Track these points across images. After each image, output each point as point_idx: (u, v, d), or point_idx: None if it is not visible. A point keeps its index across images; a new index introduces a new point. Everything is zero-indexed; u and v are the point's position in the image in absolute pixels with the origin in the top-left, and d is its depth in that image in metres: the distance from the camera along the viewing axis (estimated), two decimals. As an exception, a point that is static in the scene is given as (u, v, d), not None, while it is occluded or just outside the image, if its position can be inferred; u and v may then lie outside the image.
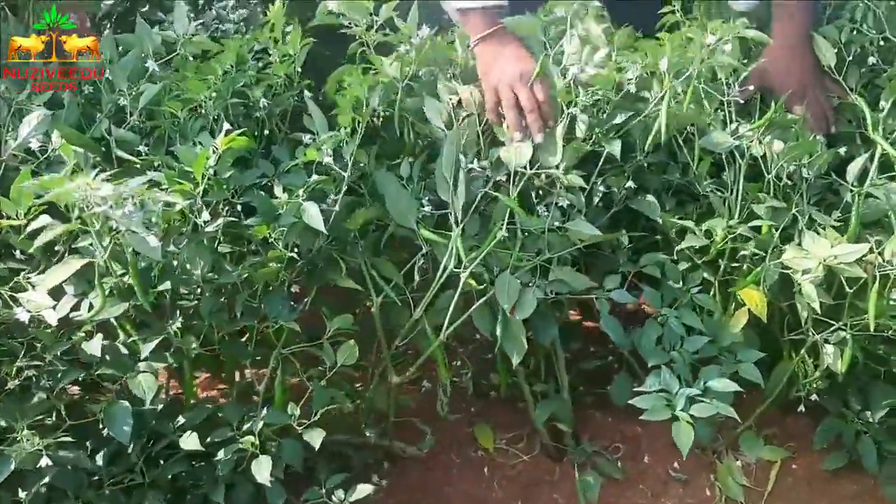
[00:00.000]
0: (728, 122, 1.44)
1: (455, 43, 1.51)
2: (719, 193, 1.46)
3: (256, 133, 1.50)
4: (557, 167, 1.37)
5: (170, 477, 1.32)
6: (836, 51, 1.46)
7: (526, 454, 1.71)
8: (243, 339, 1.48)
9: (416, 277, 1.48)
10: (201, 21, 1.85)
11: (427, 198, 1.43)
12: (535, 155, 1.38)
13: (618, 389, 1.61)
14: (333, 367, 1.35)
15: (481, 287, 1.41)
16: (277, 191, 1.34)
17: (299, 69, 1.49)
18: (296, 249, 1.32)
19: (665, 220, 1.47)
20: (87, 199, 1.05)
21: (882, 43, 1.45)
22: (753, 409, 1.59)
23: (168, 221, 1.23)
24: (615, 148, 1.38)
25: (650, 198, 1.50)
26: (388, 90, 1.43)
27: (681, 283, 1.46)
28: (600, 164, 1.42)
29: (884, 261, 1.31)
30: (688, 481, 1.64)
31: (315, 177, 1.32)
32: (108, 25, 2.01)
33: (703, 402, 1.29)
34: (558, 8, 1.45)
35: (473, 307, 1.43)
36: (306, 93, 1.48)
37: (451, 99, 1.42)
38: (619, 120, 1.41)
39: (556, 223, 1.41)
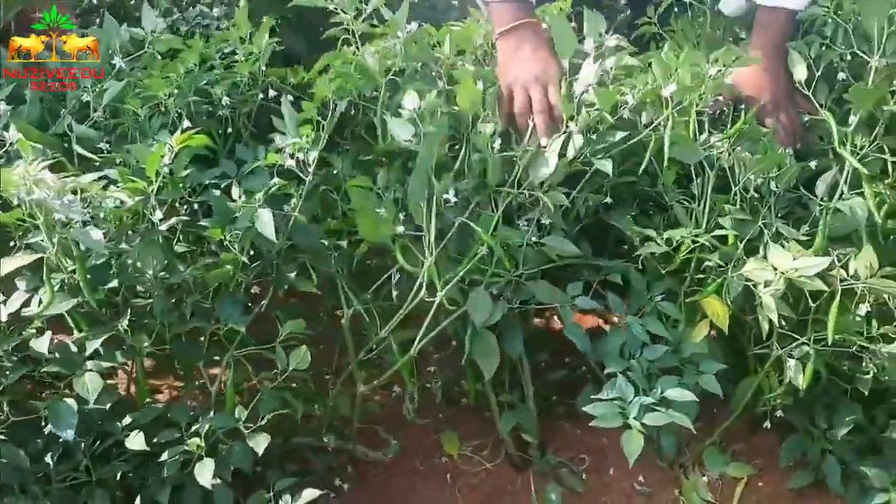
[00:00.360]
0: (699, 132, 1.42)
1: (443, 42, 1.48)
2: (686, 203, 1.44)
3: (221, 132, 1.49)
4: (542, 185, 1.34)
5: (119, 476, 1.31)
6: (805, 66, 1.44)
7: (490, 463, 1.69)
8: (202, 340, 1.47)
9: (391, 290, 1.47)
10: (181, 15, 1.86)
11: (403, 213, 1.37)
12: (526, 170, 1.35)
13: (585, 400, 1.57)
14: (286, 372, 1.34)
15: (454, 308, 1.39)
16: (235, 192, 1.32)
17: (263, 67, 1.48)
18: (252, 253, 1.30)
19: (629, 229, 1.45)
20: (28, 188, 1.04)
21: (851, 58, 1.43)
22: (720, 423, 1.57)
23: (120, 218, 1.23)
24: (607, 167, 1.33)
25: (622, 211, 1.49)
26: (368, 85, 1.42)
27: (645, 290, 1.44)
28: (583, 181, 1.41)
29: (847, 276, 1.30)
30: (652, 496, 1.62)
31: (276, 180, 1.31)
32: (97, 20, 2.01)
33: (658, 411, 1.27)
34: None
35: (445, 322, 1.42)
36: (272, 91, 1.47)
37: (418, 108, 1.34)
38: (613, 140, 1.36)
39: (534, 238, 1.39)
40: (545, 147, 1.33)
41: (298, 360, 1.31)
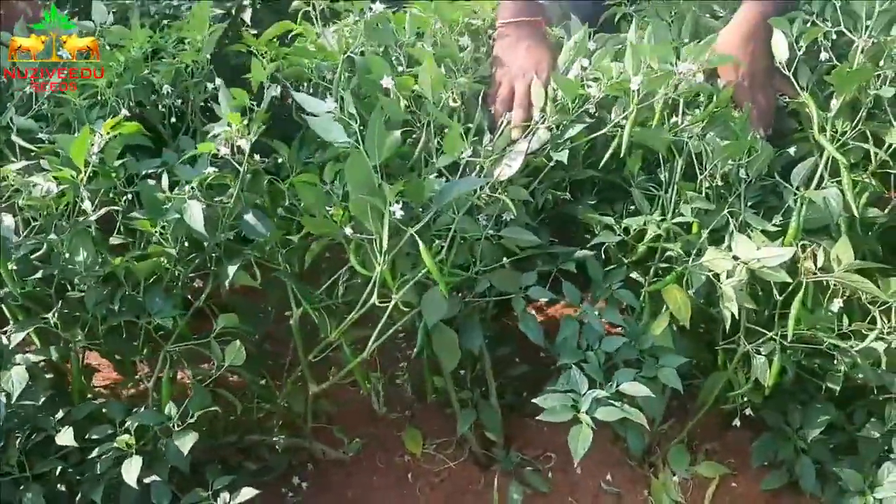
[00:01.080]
0: (669, 116, 1.35)
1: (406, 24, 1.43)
2: (653, 190, 1.37)
3: (166, 122, 1.44)
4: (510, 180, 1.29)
5: (58, 472, 1.27)
6: (787, 44, 1.36)
7: (453, 461, 1.63)
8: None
9: (341, 289, 1.42)
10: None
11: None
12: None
13: (545, 402, 1.52)
14: (221, 367, 1.29)
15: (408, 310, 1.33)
16: (164, 183, 1.26)
17: (209, 56, 1.43)
18: (187, 245, 1.25)
19: (587, 217, 1.38)
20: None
21: (836, 37, 1.34)
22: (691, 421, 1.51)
23: (48, 208, 1.18)
24: (563, 156, 1.30)
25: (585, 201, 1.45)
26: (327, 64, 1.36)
27: (602, 280, 1.38)
28: (542, 173, 1.36)
29: (816, 268, 1.22)
30: (620, 496, 1.55)
31: (210, 169, 1.25)
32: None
33: (612, 405, 1.20)
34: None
35: (399, 323, 1.35)
36: (218, 80, 1.41)
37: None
38: (571, 133, 1.32)
39: (491, 231, 1.32)
40: (515, 141, 1.31)
41: (233, 356, 1.26)
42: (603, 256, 1.40)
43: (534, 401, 1.23)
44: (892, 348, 1.25)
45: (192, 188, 1.20)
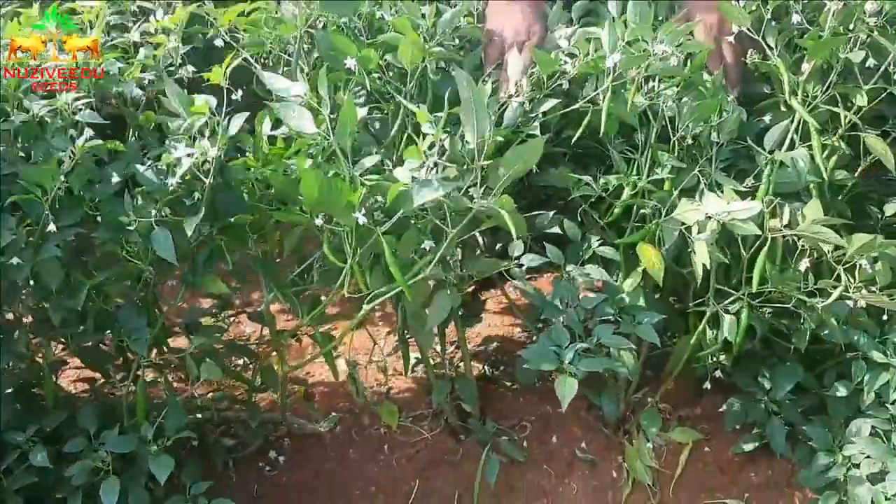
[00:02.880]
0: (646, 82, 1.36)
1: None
2: (629, 154, 1.39)
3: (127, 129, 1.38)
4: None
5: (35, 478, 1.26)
6: (754, 7, 1.38)
7: (430, 433, 1.63)
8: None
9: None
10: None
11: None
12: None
13: (523, 369, 1.53)
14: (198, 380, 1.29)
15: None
16: (127, 205, 1.17)
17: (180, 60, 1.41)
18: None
19: (565, 176, 1.39)
20: None
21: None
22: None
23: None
24: (535, 130, 1.30)
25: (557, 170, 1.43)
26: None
27: (581, 240, 1.39)
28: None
29: (782, 226, 1.25)
30: (595, 463, 1.56)
31: (172, 184, 1.16)
32: None
33: (594, 357, 1.22)
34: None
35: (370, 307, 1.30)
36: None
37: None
38: (545, 108, 1.32)
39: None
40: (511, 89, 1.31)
41: (209, 371, 1.25)
42: (579, 220, 1.42)
43: (518, 353, 1.25)
44: (857, 306, 1.28)
45: (157, 211, 1.16)
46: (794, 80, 1.35)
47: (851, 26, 1.32)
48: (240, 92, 1.28)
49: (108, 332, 1.31)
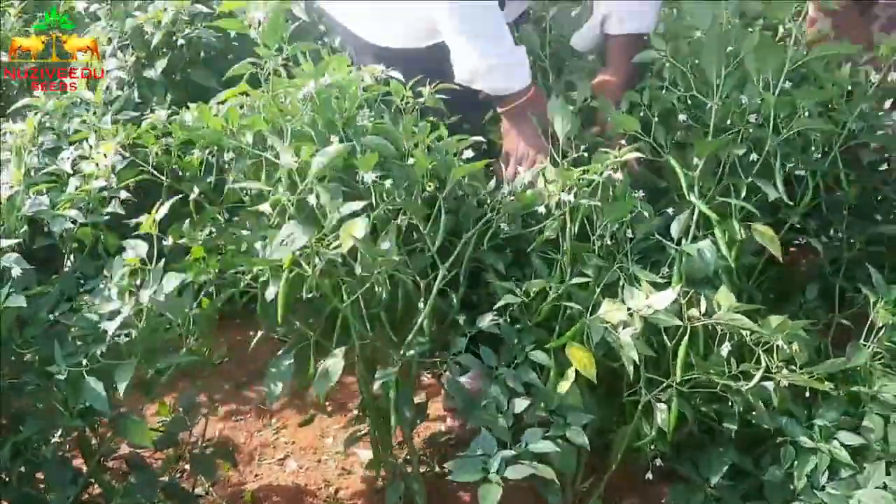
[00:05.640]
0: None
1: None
2: (549, 255, 1.45)
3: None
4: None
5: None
6: (641, 113, 1.50)
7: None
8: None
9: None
10: None
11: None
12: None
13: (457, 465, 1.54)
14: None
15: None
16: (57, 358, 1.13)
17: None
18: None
19: (495, 286, 1.45)
20: None
21: (690, 101, 1.49)
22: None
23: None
24: None
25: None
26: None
27: (516, 342, 1.43)
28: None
29: (700, 314, 1.31)
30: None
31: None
32: None
33: (522, 464, 1.24)
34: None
35: None
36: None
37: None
38: None
39: None
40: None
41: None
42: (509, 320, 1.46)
43: (445, 465, 1.25)
44: (780, 386, 1.33)
45: (86, 363, 1.14)
46: (690, 176, 1.44)
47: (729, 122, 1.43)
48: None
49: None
